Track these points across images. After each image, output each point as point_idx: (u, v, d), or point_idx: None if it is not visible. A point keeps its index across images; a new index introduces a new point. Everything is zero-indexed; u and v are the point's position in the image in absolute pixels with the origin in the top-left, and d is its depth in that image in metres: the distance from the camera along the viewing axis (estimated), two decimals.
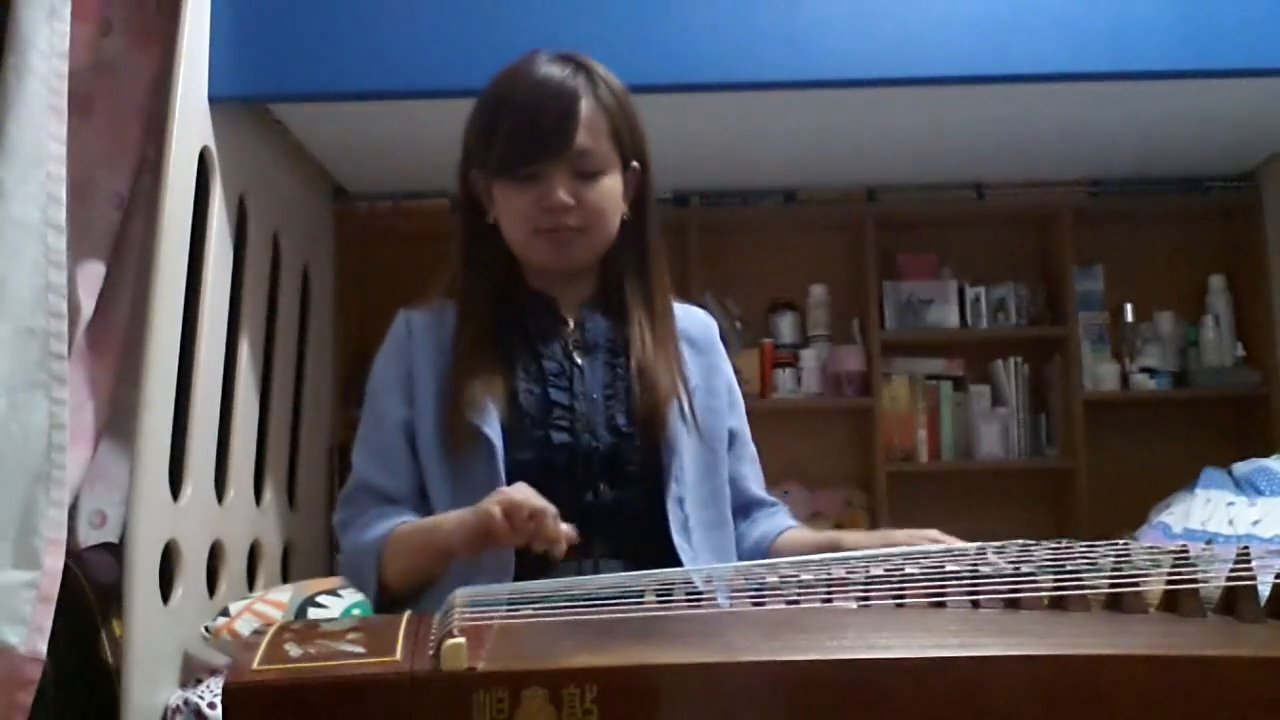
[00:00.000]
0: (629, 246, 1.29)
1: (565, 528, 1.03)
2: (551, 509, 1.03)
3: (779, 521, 1.35)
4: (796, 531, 1.32)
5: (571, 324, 1.28)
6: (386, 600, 1.18)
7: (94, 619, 1.92)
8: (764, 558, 1.28)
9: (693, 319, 1.38)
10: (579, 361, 1.25)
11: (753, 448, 1.39)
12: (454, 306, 1.28)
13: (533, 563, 1.07)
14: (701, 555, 1.21)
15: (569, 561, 1.14)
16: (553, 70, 1.20)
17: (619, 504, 1.19)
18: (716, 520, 1.27)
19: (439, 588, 1.15)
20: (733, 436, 1.35)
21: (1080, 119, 2.51)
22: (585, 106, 1.20)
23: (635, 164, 1.27)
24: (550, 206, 1.20)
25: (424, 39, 2.12)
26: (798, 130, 2.56)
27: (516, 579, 1.06)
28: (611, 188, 1.23)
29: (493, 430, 1.17)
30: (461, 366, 1.22)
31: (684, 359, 1.30)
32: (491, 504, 1.03)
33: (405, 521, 1.18)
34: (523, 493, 1.04)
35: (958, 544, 1.08)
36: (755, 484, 1.38)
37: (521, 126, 1.19)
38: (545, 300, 1.28)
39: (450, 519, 1.11)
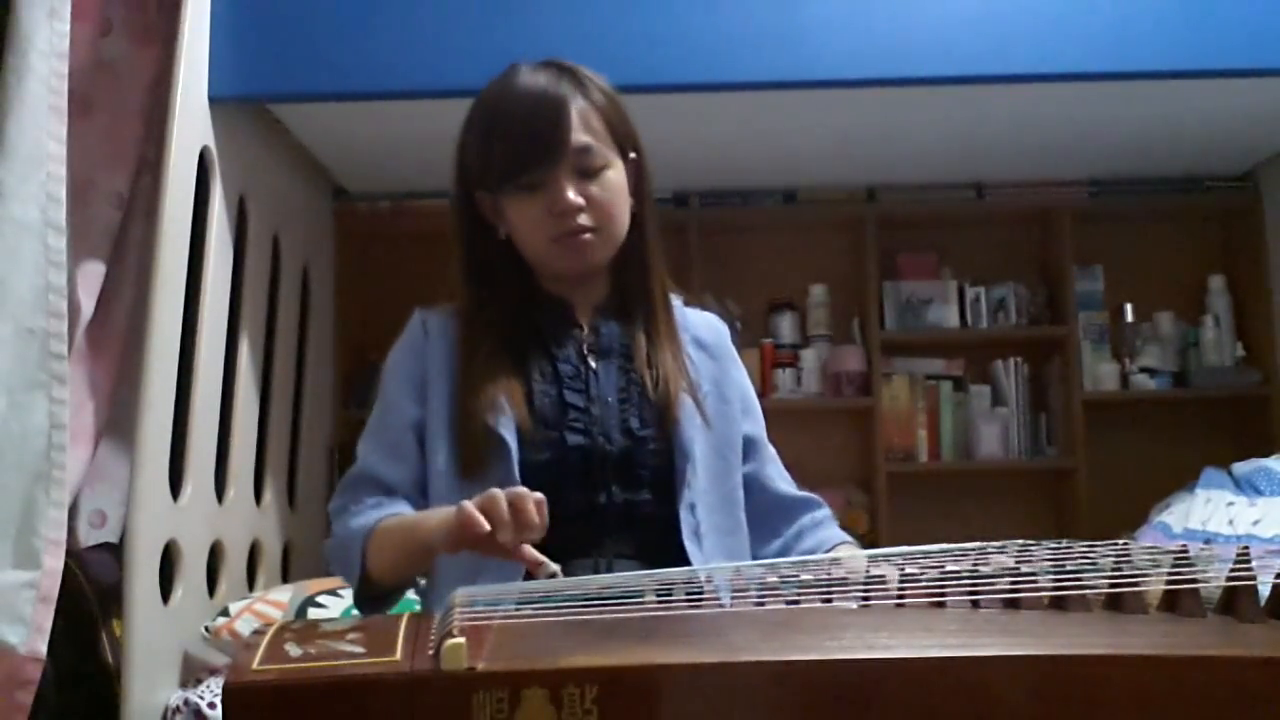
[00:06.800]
0: (630, 244, 1.28)
1: (545, 561, 0.98)
2: (536, 495, 0.98)
3: (828, 534, 1.32)
4: (847, 550, 1.28)
5: (585, 328, 1.27)
6: (368, 592, 1.18)
7: (94, 619, 1.92)
8: None
9: (704, 323, 1.37)
10: (593, 365, 1.24)
11: (772, 449, 1.38)
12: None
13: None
14: (713, 560, 1.20)
15: (583, 560, 1.14)
16: (538, 77, 1.20)
17: (631, 506, 1.19)
18: (730, 526, 1.26)
19: (443, 585, 1.15)
20: (750, 443, 1.33)
21: (1080, 119, 2.51)
22: (576, 105, 1.20)
23: (633, 155, 1.26)
24: (561, 211, 1.19)
25: (424, 39, 2.11)
26: (798, 130, 2.56)
27: (526, 578, 1.05)
28: (616, 180, 1.23)
29: (508, 431, 1.17)
30: (476, 369, 1.21)
31: (694, 362, 1.29)
32: (473, 505, 0.98)
33: (395, 514, 1.17)
34: (505, 489, 0.99)
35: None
36: (784, 483, 1.36)
37: (516, 135, 1.18)
38: (560, 305, 1.28)
39: (434, 516, 1.10)
